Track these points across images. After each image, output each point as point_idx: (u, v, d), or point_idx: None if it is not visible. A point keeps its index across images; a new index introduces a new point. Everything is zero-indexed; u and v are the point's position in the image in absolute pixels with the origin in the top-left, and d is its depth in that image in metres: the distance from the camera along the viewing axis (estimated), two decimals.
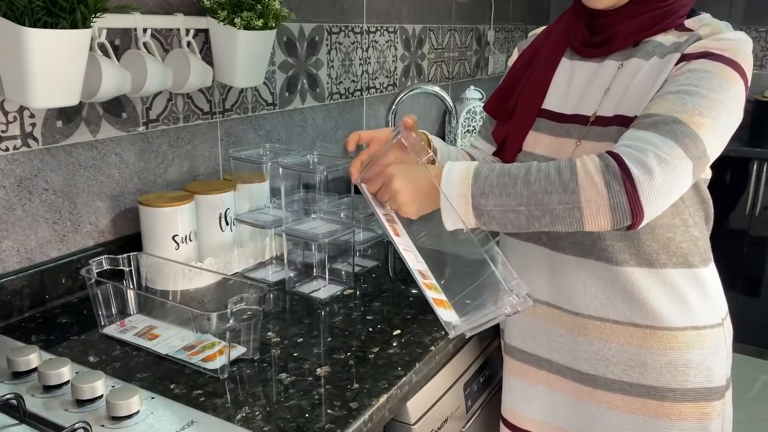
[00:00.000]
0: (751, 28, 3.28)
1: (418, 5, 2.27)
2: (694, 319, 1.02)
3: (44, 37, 0.96)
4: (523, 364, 1.15)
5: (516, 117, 1.11)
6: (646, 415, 1.04)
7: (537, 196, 0.85)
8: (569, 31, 1.08)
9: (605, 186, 0.82)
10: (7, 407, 0.84)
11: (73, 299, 1.22)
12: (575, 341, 1.07)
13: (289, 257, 1.33)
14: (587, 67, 1.05)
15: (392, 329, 1.13)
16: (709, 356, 1.03)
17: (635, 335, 1.02)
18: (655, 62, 0.97)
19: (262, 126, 1.65)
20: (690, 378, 1.02)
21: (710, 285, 1.04)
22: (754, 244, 2.99)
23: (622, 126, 0.96)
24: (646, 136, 0.85)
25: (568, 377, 1.10)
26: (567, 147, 1.03)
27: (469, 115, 2.55)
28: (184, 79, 1.29)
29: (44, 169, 1.17)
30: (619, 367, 1.04)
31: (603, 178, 0.82)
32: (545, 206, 0.85)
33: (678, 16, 0.99)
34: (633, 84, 0.98)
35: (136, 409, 0.83)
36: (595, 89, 1.02)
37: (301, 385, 0.95)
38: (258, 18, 1.33)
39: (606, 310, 1.03)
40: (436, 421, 1.11)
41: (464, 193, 0.88)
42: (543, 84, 1.08)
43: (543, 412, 1.14)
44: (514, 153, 1.09)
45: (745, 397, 2.72)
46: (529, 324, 1.13)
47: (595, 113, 1.01)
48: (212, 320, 0.98)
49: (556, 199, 0.84)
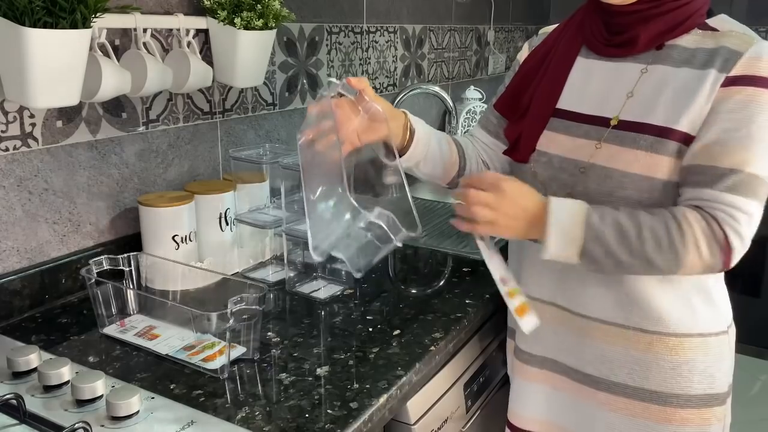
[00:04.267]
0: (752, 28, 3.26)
1: (418, 5, 2.27)
2: (700, 326, 1.02)
3: (44, 37, 0.96)
4: (526, 365, 1.15)
5: (530, 116, 1.09)
6: (648, 419, 1.04)
7: (645, 254, 0.90)
8: (585, 29, 1.06)
9: (709, 254, 0.91)
10: (7, 407, 0.84)
11: (73, 299, 1.22)
12: (581, 343, 1.07)
13: (289, 257, 1.33)
14: (606, 66, 1.03)
15: (392, 329, 1.13)
16: (713, 363, 1.03)
17: (642, 340, 1.02)
18: (689, 75, 0.96)
19: (262, 126, 1.65)
20: (694, 384, 1.02)
21: (716, 292, 1.04)
22: (754, 244, 2.97)
23: (653, 135, 0.95)
24: (733, 201, 0.91)
25: (572, 378, 1.10)
26: (586, 149, 1.01)
27: (469, 115, 2.55)
28: (184, 79, 1.29)
29: (44, 169, 1.17)
30: (624, 370, 1.04)
31: (708, 246, 0.91)
32: (649, 262, 0.91)
33: (699, 14, 0.99)
34: (665, 93, 0.96)
35: (136, 409, 0.83)
36: (616, 91, 1.01)
37: (301, 385, 0.95)
38: (258, 18, 1.33)
39: (613, 314, 1.03)
40: (436, 421, 1.11)
41: (575, 236, 0.90)
42: (558, 83, 1.07)
43: (546, 412, 1.15)
44: (528, 152, 1.08)
45: (745, 397, 2.72)
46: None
47: (617, 117, 0.99)
48: (212, 320, 0.98)
49: (662, 257, 0.91)
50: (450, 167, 1.18)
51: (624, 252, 0.90)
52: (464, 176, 1.16)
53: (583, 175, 1.01)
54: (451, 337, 1.12)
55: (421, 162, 1.13)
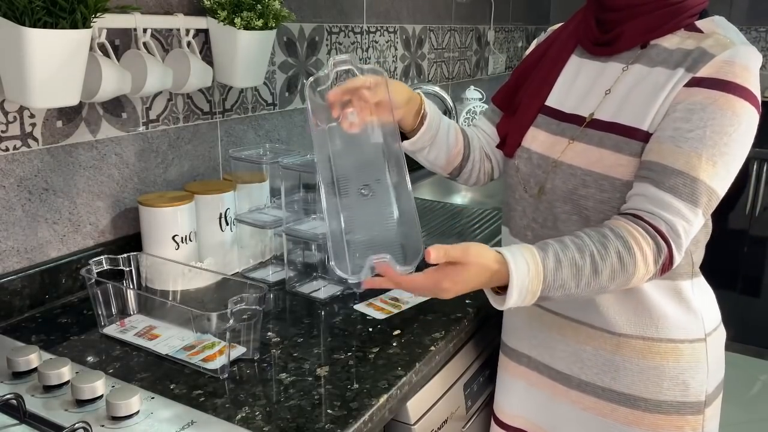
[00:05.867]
0: (752, 28, 3.28)
1: (418, 5, 2.27)
2: (670, 332, 1.01)
3: (44, 37, 0.96)
4: (508, 359, 1.18)
5: (519, 112, 1.10)
6: (617, 421, 1.04)
7: (601, 284, 0.89)
8: (580, 29, 1.07)
9: (654, 269, 0.90)
10: (7, 407, 0.84)
11: (73, 299, 1.22)
12: (553, 339, 1.08)
13: (289, 257, 1.33)
14: (593, 66, 1.04)
15: (392, 329, 1.13)
16: (686, 370, 1.02)
17: (609, 341, 1.03)
18: (660, 73, 0.95)
19: (262, 126, 1.65)
20: (663, 389, 1.01)
21: (693, 299, 1.02)
22: (754, 244, 2.99)
23: (619, 135, 0.95)
24: (672, 204, 0.89)
25: (544, 374, 1.11)
26: (559, 145, 1.02)
27: (469, 115, 2.55)
28: (184, 79, 1.29)
29: (44, 169, 1.17)
30: (593, 370, 1.05)
31: (654, 263, 0.89)
32: (603, 289, 0.90)
33: (688, 16, 0.97)
34: (634, 92, 0.96)
35: (136, 409, 0.83)
36: (597, 90, 1.01)
37: (301, 385, 0.95)
38: (258, 18, 1.33)
39: (582, 314, 1.04)
40: (436, 422, 1.11)
41: (533, 290, 0.87)
42: (548, 81, 1.08)
43: (524, 408, 1.16)
44: (514, 148, 1.09)
45: (745, 397, 2.72)
46: (512, 320, 1.16)
47: (592, 115, 1.00)
48: (212, 320, 0.98)
49: (616, 282, 0.89)
50: (454, 157, 1.18)
51: (579, 289, 0.88)
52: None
53: (552, 172, 1.02)
54: (451, 337, 1.12)
55: (427, 148, 1.14)
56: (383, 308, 1.21)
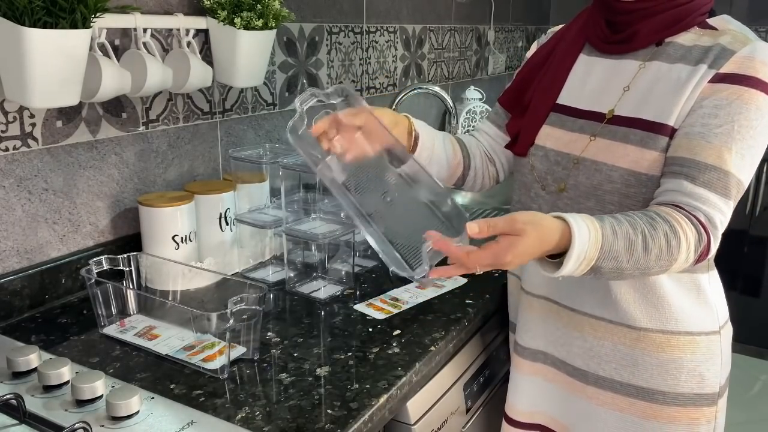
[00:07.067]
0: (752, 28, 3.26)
1: (418, 5, 2.27)
2: (689, 325, 1.02)
3: (44, 37, 0.96)
4: (522, 358, 1.17)
5: (530, 111, 1.11)
6: (634, 415, 1.04)
7: (649, 263, 0.89)
8: (588, 28, 1.08)
9: (695, 257, 0.91)
10: (7, 407, 0.84)
11: (73, 299, 1.22)
12: (570, 336, 1.09)
13: (289, 257, 1.33)
14: (606, 63, 1.05)
15: (392, 329, 1.13)
16: (702, 363, 1.03)
17: (628, 336, 1.03)
18: (682, 69, 0.97)
19: (262, 126, 1.65)
20: (681, 382, 1.02)
21: (709, 292, 1.04)
22: (754, 244, 2.99)
23: (644, 130, 0.96)
24: (709, 198, 0.92)
25: (561, 370, 1.11)
26: (580, 142, 1.03)
27: (469, 115, 2.55)
28: (184, 79, 1.29)
29: (44, 169, 1.17)
30: (611, 365, 1.05)
31: (695, 251, 0.91)
32: (649, 269, 0.90)
33: (700, 13, 1.00)
34: (657, 88, 0.98)
35: (136, 409, 0.83)
36: (613, 86, 1.02)
37: (301, 385, 0.95)
38: (258, 18, 1.33)
39: (601, 310, 1.04)
40: (436, 421, 1.11)
41: (590, 256, 0.86)
42: (558, 79, 1.09)
43: (539, 405, 1.16)
44: (527, 146, 1.10)
45: (745, 397, 2.72)
46: (526, 318, 1.15)
47: (612, 111, 1.01)
48: (212, 320, 0.98)
49: (660, 264, 0.90)
50: (455, 168, 1.19)
51: (629, 264, 0.89)
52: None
53: (574, 169, 1.03)
54: (451, 337, 1.12)
55: (426, 166, 1.13)
56: (383, 308, 1.21)
